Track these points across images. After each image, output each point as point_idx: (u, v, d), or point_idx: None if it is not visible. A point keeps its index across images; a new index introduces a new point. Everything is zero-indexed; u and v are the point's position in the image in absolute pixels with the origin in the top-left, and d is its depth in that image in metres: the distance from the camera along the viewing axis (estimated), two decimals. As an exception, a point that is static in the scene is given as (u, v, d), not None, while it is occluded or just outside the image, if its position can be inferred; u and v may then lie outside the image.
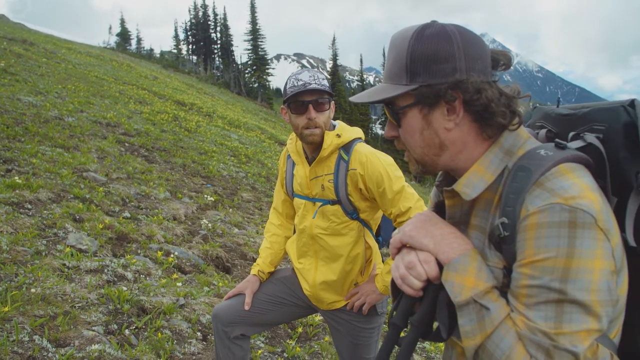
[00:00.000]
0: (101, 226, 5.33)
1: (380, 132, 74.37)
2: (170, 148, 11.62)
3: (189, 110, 20.36)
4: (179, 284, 4.65)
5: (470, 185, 1.23)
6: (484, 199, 1.25)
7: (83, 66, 22.47)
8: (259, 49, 67.18)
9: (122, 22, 76.40)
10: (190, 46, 77.90)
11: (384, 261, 2.62)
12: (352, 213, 2.49)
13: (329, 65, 73.88)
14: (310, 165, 2.53)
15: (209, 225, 6.98)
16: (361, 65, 76.21)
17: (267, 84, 70.27)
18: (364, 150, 2.44)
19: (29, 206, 5.29)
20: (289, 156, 2.71)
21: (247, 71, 68.78)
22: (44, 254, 4.32)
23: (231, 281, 5.43)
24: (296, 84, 2.36)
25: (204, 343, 3.82)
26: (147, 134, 12.11)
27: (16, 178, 5.87)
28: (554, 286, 1.03)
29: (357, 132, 2.56)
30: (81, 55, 27.81)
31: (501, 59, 1.24)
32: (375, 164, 2.39)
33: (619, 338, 1.16)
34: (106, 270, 4.33)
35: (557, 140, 1.19)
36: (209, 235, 6.62)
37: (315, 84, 2.36)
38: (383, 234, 2.76)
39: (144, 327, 3.70)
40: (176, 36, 76.70)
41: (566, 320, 1.02)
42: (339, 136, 2.45)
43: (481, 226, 1.25)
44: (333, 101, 2.50)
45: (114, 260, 4.61)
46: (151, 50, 77.26)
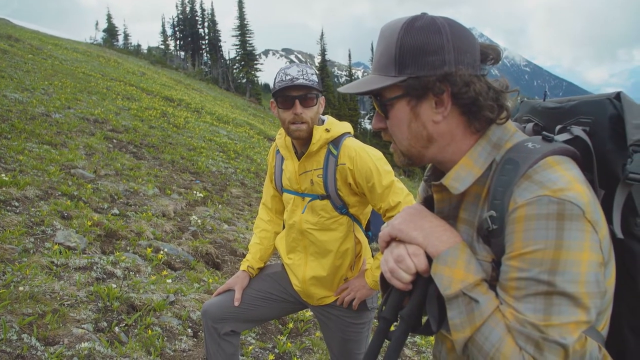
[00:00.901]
0: (90, 223, 5.29)
1: (369, 126, 74.43)
2: (159, 144, 11.56)
3: (177, 106, 20.24)
4: (169, 280, 4.64)
5: (459, 179, 1.23)
6: (473, 193, 1.25)
7: (70, 62, 22.26)
8: (247, 45, 66.93)
9: (109, 17, 75.84)
10: (178, 42, 77.47)
11: (373, 256, 2.62)
12: (342, 208, 2.49)
13: (317, 60, 73.86)
14: (299, 160, 2.52)
15: (199, 221, 6.96)
16: (349, 60, 76.25)
17: (255, 79, 70.09)
18: (353, 144, 2.44)
19: (16, 204, 5.24)
20: (277, 151, 2.70)
21: (235, 67, 68.54)
22: (31, 251, 4.28)
23: (221, 277, 5.42)
24: (284, 79, 2.35)
25: (195, 340, 3.81)
26: (135, 130, 12.04)
27: (3, 175, 5.81)
28: (543, 278, 1.03)
29: (346, 126, 2.56)
30: (68, 52, 27.55)
31: (490, 53, 1.24)
32: (365, 158, 2.38)
33: (607, 330, 1.17)
34: (95, 268, 4.31)
35: (545, 133, 1.20)
36: (198, 231, 6.60)
37: (303, 79, 2.35)
38: (373, 228, 2.76)
39: (134, 324, 3.69)
40: (164, 32, 76.21)
41: (555, 312, 1.03)
42: (327, 131, 2.45)
43: (470, 220, 1.25)
44: (322, 97, 2.49)
45: (103, 258, 4.59)
46: (139, 46, 76.67)
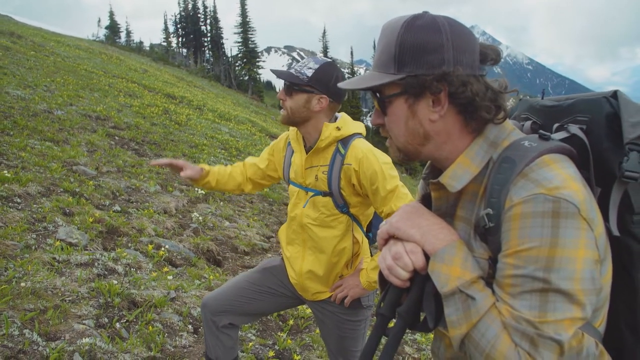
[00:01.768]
0: (91, 220, 5.31)
1: (370, 124, 74.38)
2: (161, 141, 11.56)
3: (179, 104, 20.25)
4: (170, 277, 4.66)
5: (456, 177, 1.24)
6: (470, 191, 1.26)
7: (72, 59, 22.27)
8: (249, 42, 66.83)
9: (111, 14, 75.74)
10: (180, 39, 77.38)
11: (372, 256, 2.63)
12: (342, 207, 2.50)
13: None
14: (307, 154, 2.54)
15: (200, 218, 6.97)
16: (352, 57, 76.11)
17: (257, 76, 69.96)
18: (361, 146, 2.44)
19: (18, 200, 5.26)
20: (289, 143, 2.73)
21: (237, 64, 68.43)
22: (33, 247, 4.31)
23: (222, 274, 5.44)
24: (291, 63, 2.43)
25: (195, 336, 3.83)
26: (137, 127, 12.04)
27: (5, 172, 5.83)
28: (538, 275, 1.04)
29: (358, 127, 2.56)
30: (70, 48, 27.55)
31: (490, 54, 1.25)
32: (371, 161, 2.38)
33: (603, 327, 1.18)
34: (96, 264, 4.33)
35: (541, 131, 1.20)
36: (199, 228, 6.62)
37: (294, 70, 2.43)
38: (374, 230, 2.77)
39: (134, 320, 3.71)
40: (166, 29, 76.12)
41: (550, 309, 1.04)
42: (338, 129, 2.46)
43: (467, 217, 1.26)
44: (322, 96, 2.44)
45: (104, 254, 4.60)
46: (141, 43, 76.62)
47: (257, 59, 68.21)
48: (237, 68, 67.91)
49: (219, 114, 21.88)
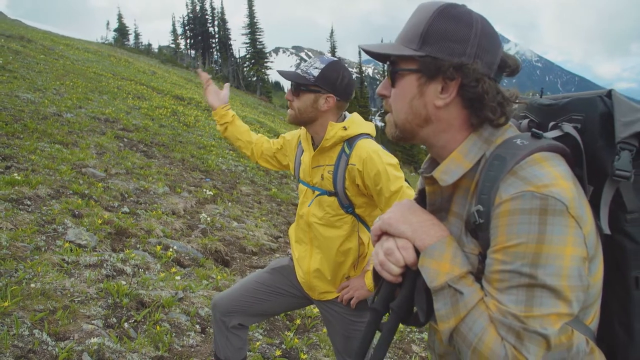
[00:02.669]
0: (100, 221, 5.36)
1: (380, 124, 74.26)
2: (169, 143, 11.63)
3: (187, 105, 20.34)
4: (178, 277, 4.69)
5: (448, 171, 1.26)
6: (463, 187, 1.28)
7: (81, 62, 22.44)
8: (257, 43, 67.03)
9: (120, 17, 76.28)
10: (188, 40, 77.74)
11: None
12: (348, 207, 2.51)
13: (327, 57, 73.56)
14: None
15: (208, 219, 7.01)
16: (359, 57, 76.09)
17: (265, 77, 70.11)
18: (366, 146, 2.43)
19: (29, 202, 5.33)
20: (300, 142, 2.75)
21: (245, 65, 68.67)
22: (43, 249, 4.36)
23: (230, 274, 5.47)
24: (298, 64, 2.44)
25: (203, 335, 3.87)
26: (145, 129, 12.12)
27: (15, 175, 5.90)
28: (525, 271, 1.06)
29: (366, 127, 2.55)
30: (79, 52, 27.76)
31: (510, 64, 1.28)
32: (376, 161, 2.37)
33: (596, 325, 1.19)
34: (105, 265, 4.37)
35: (534, 129, 1.22)
36: (208, 229, 6.66)
37: (301, 70, 2.45)
38: None
39: (142, 320, 3.74)
40: (174, 31, 76.51)
41: (537, 304, 1.05)
42: (345, 129, 2.45)
43: (459, 213, 1.28)
44: (329, 96, 2.45)
45: (113, 255, 4.65)
46: (149, 45, 77.07)
47: (265, 60, 68.39)
48: (245, 69, 68.13)
49: (227, 115, 21.91)
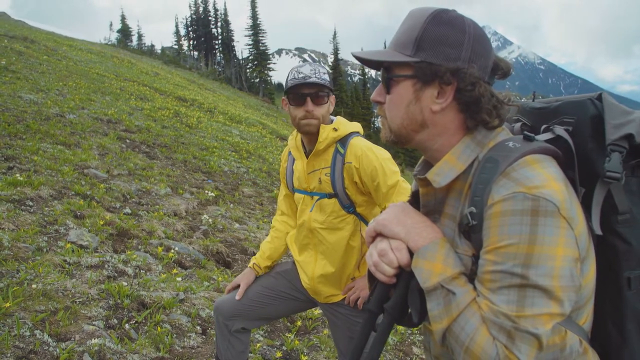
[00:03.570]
0: (102, 222, 5.37)
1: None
2: (172, 144, 11.65)
3: (190, 106, 20.38)
4: (179, 279, 4.70)
5: (441, 173, 1.28)
6: (456, 189, 1.29)
7: (84, 63, 22.49)
8: (260, 44, 67.10)
9: (123, 18, 76.37)
10: (191, 42, 77.83)
11: None
12: (349, 207, 2.52)
13: (330, 59, 73.75)
14: (307, 158, 2.56)
15: (210, 220, 7.02)
16: (363, 59, 75.92)
17: (268, 79, 70.18)
18: (360, 143, 2.47)
19: (30, 203, 5.34)
20: (290, 152, 2.75)
21: (248, 66, 68.70)
22: (45, 250, 4.37)
23: (231, 276, 5.47)
24: (297, 77, 2.41)
25: (204, 337, 3.87)
26: (148, 130, 12.15)
27: (17, 175, 5.92)
28: (517, 271, 1.07)
29: (355, 126, 2.59)
30: (82, 52, 27.82)
31: (502, 66, 1.30)
32: (371, 157, 2.41)
33: (589, 325, 1.21)
34: (107, 266, 4.38)
35: (526, 132, 1.23)
36: (209, 230, 6.67)
37: (315, 77, 2.40)
38: None
39: (143, 321, 3.75)
40: (177, 32, 76.60)
41: (528, 304, 1.07)
42: (335, 130, 2.48)
43: (453, 215, 1.30)
44: (333, 95, 2.53)
45: (114, 256, 4.66)
46: (152, 46, 77.15)
47: (268, 61, 68.45)
48: (248, 70, 68.17)
49: (229, 117, 21.99)
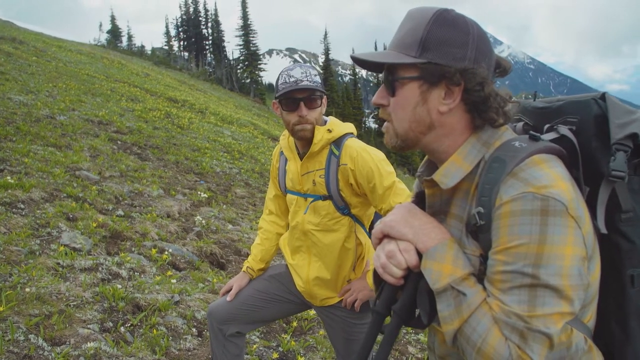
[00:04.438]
0: (95, 225, 5.33)
1: (373, 125, 74.38)
2: (163, 145, 11.60)
3: (181, 107, 20.29)
4: (174, 280, 4.67)
5: (448, 174, 1.27)
6: (462, 189, 1.29)
7: (74, 64, 22.35)
8: (251, 45, 66.98)
9: (113, 19, 76.00)
10: (182, 42, 77.55)
11: None
12: (343, 209, 2.50)
13: (321, 59, 73.76)
14: (301, 160, 2.54)
15: (203, 221, 6.99)
16: (353, 59, 76.06)
17: (259, 79, 70.08)
18: (355, 145, 2.45)
19: (22, 206, 5.29)
20: (281, 152, 2.72)
21: (239, 67, 68.57)
22: (37, 253, 4.33)
23: (225, 277, 5.45)
24: (288, 81, 2.36)
25: (200, 339, 3.85)
26: (139, 131, 12.09)
27: (8, 178, 5.86)
28: (527, 271, 1.07)
29: (348, 127, 2.57)
30: (72, 53, 27.64)
31: (503, 64, 1.30)
32: (366, 159, 2.39)
33: (593, 323, 1.21)
34: (100, 269, 4.35)
35: (531, 132, 1.23)
36: (203, 231, 6.64)
37: (307, 81, 2.36)
38: None
39: (139, 324, 3.72)
40: (167, 33, 76.30)
41: (539, 303, 1.07)
42: (330, 131, 2.45)
43: (459, 215, 1.29)
44: (325, 96, 2.50)
45: (108, 259, 4.63)
46: (142, 47, 76.79)
47: (259, 62, 68.33)
48: (239, 71, 68.03)
49: (221, 117, 21.92)
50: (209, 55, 76.16)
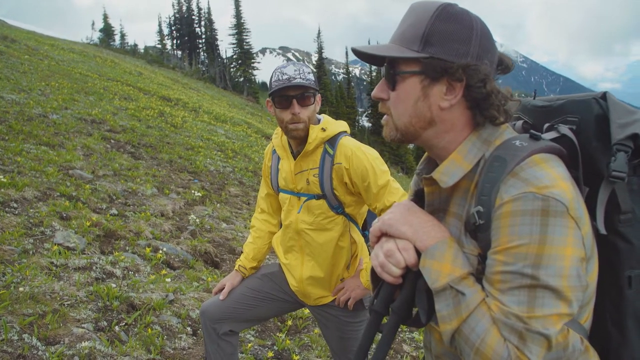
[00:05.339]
0: (88, 224, 5.31)
1: (367, 124, 74.31)
2: (157, 144, 11.56)
3: (174, 106, 20.22)
4: (168, 279, 4.66)
5: (448, 173, 1.26)
6: (462, 187, 1.28)
7: (66, 63, 22.22)
8: (244, 43, 66.77)
9: (105, 17, 75.51)
10: (175, 41, 77.19)
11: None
12: (337, 207, 2.50)
13: (314, 58, 73.70)
14: (295, 159, 2.53)
15: (197, 220, 6.98)
16: (347, 57, 76.17)
17: (253, 78, 69.88)
18: (349, 144, 2.44)
19: (15, 205, 5.26)
20: (274, 151, 2.70)
21: (232, 65, 68.33)
22: (31, 252, 4.31)
23: (220, 276, 5.45)
24: (281, 78, 2.36)
25: (194, 338, 3.84)
26: (132, 130, 12.04)
27: (1, 177, 5.83)
28: (527, 272, 1.07)
29: (342, 125, 2.56)
30: (64, 52, 27.46)
31: (505, 61, 1.29)
32: (361, 157, 2.39)
33: (589, 324, 1.21)
34: (94, 268, 4.33)
35: (532, 131, 1.22)
36: (197, 230, 6.63)
37: (300, 78, 2.35)
38: (369, 228, 2.76)
39: (133, 323, 3.71)
40: (160, 31, 75.92)
41: (538, 304, 1.06)
42: (324, 130, 2.44)
43: (458, 214, 1.29)
44: (319, 95, 2.49)
45: (102, 258, 4.61)
46: (135, 45, 76.29)
47: (252, 60, 68.13)
48: (232, 70, 67.82)
49: (214, 116, 21.87)
50: (202, 53, 75.87)
